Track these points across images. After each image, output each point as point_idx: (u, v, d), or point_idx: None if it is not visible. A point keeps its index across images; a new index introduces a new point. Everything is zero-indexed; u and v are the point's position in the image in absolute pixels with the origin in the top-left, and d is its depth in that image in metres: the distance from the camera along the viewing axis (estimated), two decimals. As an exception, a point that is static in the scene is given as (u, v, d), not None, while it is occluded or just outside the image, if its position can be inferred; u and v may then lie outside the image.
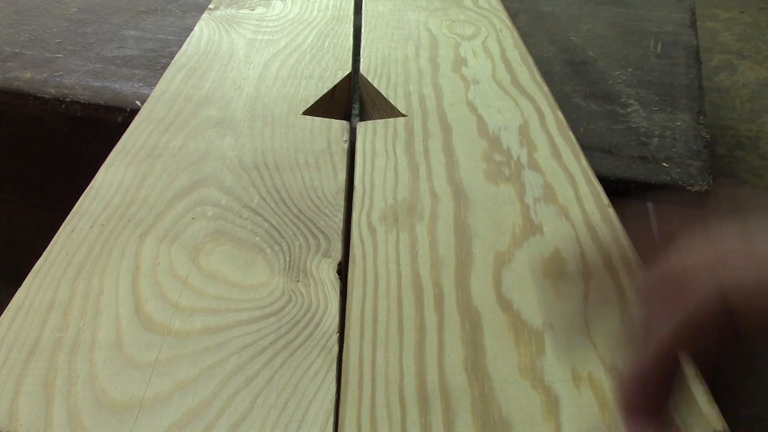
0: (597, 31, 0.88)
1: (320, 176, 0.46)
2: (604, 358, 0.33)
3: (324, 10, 0.73)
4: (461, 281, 0.37)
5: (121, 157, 0.46)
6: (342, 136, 0.50)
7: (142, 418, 0.28)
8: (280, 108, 0.54)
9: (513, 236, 0.40)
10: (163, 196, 0.43)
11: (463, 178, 0.46)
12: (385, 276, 0.38)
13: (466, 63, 0.62)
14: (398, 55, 0.63)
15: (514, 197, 0.44)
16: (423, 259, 0.39)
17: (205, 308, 0.35)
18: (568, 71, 0.78)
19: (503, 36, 0.67)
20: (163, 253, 0.38)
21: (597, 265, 0.38)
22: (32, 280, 0.36)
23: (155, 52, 0.77)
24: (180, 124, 0.51)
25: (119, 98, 0.68)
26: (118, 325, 0.33)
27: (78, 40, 0.79)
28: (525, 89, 0.57)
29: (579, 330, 0.34)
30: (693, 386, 0.31)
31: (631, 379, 0.25)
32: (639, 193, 0.62)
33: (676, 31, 0.88)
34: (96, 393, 0.30)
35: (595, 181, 0.46)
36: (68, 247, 0.38)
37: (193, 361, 0.31)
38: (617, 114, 0.70)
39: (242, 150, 0.48)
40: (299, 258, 0.39)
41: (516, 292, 0.36)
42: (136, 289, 0.35)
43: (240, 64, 0.60)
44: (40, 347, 0.32)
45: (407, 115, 0.53)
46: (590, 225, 0.41)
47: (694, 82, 0.76)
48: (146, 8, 0.87)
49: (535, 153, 0.48)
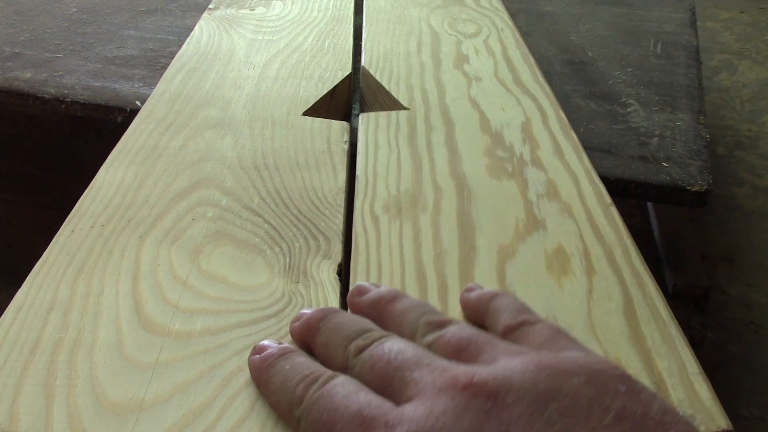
0: (597, 31, 0.88)
1: (320, 177, 0.46)
2: (609, 353, 0.33)
3: (324, 10, 0.73)
4: (465, 273, 0.37)
5: (121, 157, 0.46)
6: (342, 137, 0.50)
7: (142, 420, 0.28)
8: (280, 108, 0.54)
9: (516, 231, 0.40)
10: (163, 196, 0.43)
11: (466, 172, 0.46)
12: (388, 265, 0.37)
13: (468, 60, 0.62)
14: (400, 50, 0.63)
15: (517, 193, 0.44)
16: (427, 250, 0.39)
17: (205, 309, 0.34)
18: (568, 71, 0.78)
19: (505, 35, 0.67)
20: (163, 253, 0.38)
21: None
22: (32, 280, 0.36)
23: (155, 52, 0.77)
24: (180, 124, 0.51)
25: (119, 98, 0.68)
26: (119, 326, 0.33)
27: (78, 40, 0.79)
28: (527, 88, 0.57)
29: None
30: (696, 383, 0.31)
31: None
32: (639, 193, 0.62)
33: (676, 31, 0.88)
34: (96, 394, 0.29)
35: (597, 180, 0.45)
36: (68, 247, 0.38)
37: (194, 362, 0.31)
38: (617, 114, 0.70)
39: (242, 150, 0.48)
40: (299, 259, 0.38)
41: (520, 285, 0.36)
42: (136, 290, 0.35)
43: (240, 65, 0.60)
44: (40, 348, 0.32)
45: (409, 108, 0.53)
46: (593, 223, 0.41)
47: (694, 82, 0.76)
48: (146, 8, 0.87)
49: (537, 150, 0.48)
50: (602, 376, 0.24)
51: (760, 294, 1.03)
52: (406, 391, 0.24)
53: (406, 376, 0.25)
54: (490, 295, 0.32)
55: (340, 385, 0.26)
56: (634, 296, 0.36)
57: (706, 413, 0.30)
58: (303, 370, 0.27)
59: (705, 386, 0.31)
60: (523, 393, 0.23)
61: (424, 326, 0.29)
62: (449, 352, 0.26)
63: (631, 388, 0.24)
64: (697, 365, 0.32)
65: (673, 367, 0.32)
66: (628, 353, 0.32)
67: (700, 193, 0.60)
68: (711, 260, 1.08)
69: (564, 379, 0.23)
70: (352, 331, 0.29)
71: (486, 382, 0.23)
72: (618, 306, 0.35)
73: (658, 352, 0.33)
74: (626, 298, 0.36)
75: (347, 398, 0.25)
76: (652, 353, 0.32)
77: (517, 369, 0.24)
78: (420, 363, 0.25)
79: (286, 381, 0.27)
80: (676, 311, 0.36)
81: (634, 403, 0.23)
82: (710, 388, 0.31)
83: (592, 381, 0.24)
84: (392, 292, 0.32)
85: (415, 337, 0.29)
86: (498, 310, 0.31)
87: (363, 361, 0.27)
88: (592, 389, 0.23)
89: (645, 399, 0.24)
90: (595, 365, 0.25)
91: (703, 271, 1.04)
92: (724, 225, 1.16)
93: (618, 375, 0.24)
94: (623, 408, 0.23)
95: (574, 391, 0.23)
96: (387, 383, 0.25)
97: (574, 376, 0.24)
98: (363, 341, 0.28)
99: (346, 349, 0.28)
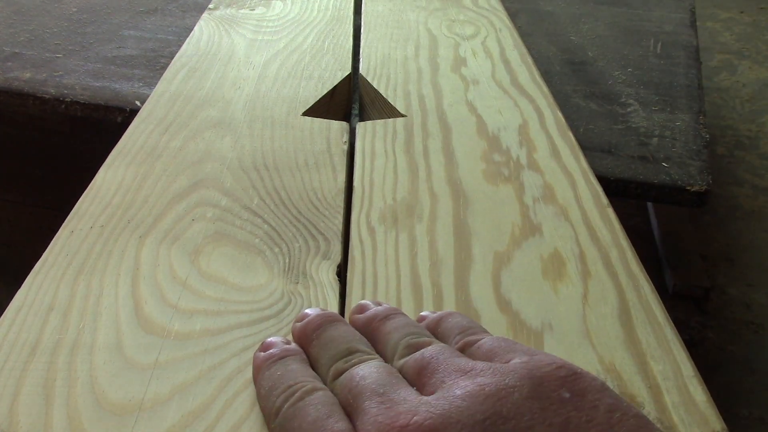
0: (597, 31, 0.88)
1: (320, 177, 0.46)
2: (603, 358, 0.33)
3: (324, 10, 0.73)
4: (460, 281, 0.37)
5: (120, 157, 0.46)
6: (341, 137, 0.50)
7: (141, 420, 0.29)
8: (279, 109, 0.54)
9: (512, 236, 0.41)
10: (162, 197, 0.43)
11: (463, 178, 0.46)
12: (384, 276, 0.38)
13: (465, 63, 0.62)
14: (398, 55, 0.63)
15: (513, 197, 0.44)
16: (422, 260, 0.39)
17: (204, 310, 0.35)
18: (567, 71, 0.78)
19: (503, 36, 0.67)
20: (162, 254, 0.38)
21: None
22: (32, 281, 0.36)
23: (155, 52, 0.77)
24: (180, 124, 0.51)
25: (119, 98, 0.69)
26: (118, 327, 0.33)
27: (78, 40, 0.79)
28: (524, 89, 0.57)
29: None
30: (691, 386, 0.31)
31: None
32: (638, 193, 0.62)
33: (676, 31, 0.88)
34: (96, 395, 0.30)
35: (594, 181, 0.46)
36: (68, 248, 0.38)
37: (193, 363, 0.31)
38: (617, 114, 0.70)
39: (242, 151, 0.48)
40: (299, 260, 0.39)
41: (515, 292, 0.36)
42: (135, 291, 0.35)
43: (240, 65, 0.60)
44: (39, 349, 0.32)
45: (406, 115, 0.53)
46: (590, 225, 0.41)
47: (694, 82, 0.76)
48: (146, 8, 0.87)
49: (534, 153, 0.48)
50: (545, 383, 0.24)
51: (760, 294, 1.03)
52: (359, 419, 0.25)
53: (360, 404, 0.25)
54: (437, 320, 0.32)
55: (312, 406, 0.26)
56: (629, 299, 0.36)
57: (701, 416, 0.30)
58: (288, 380, 0.28)
59: (700, 389, 0.31)
60: (460, 428, 0.23)
61: (402, 348, 0.29)
62: (414, 375, 0.27)
63: (576, 391, 0.24)
64: (693, 368, 0.32)
65: (668, 370, 0.32)
66: (623, 357, 0.32)
67: (699, 193, 0.60)
68: (711, 260, 1.08)
69: (505, 397, 0.24)
70: (337, 352, 0.29)
71: (423, 421, 0.23)
72: (613, 310, 0.35)
73: (653, 356, 0.33)
74: (621, 301, 0.36)
75: (315, 424, 0.25)
76: (647, 357, 0.33)
77: (456, 398, 0.24)
78: (375, 391, 0.26)
79: (272, 388, 0.28)
80: (676, 311, 0.36)
81: (579, 409, 0.23)
82: (705, 391, 0.31)
83: (534, 392, 0.24)
84: (388, 310, 0.32)
85: (394, 357, 0.29)
86: (445, 333, 0.31)
87: (338, 384, 0.27)
88: (535, 403, 0.23)
89: (591, 400, 0.24)
90: (537, 371, 0.25)
91: (703, 271, 1.04)
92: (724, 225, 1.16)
93: (561, 378, 0.24)
94: (567, 421, 0.23)
95: (516, 411, 0.23)
96: (351, 408, 0.26)
97: (515, 390, 0.24)
98: (343, 364, 0.28)
99: (329, 369, 0.29)
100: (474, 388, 0.24)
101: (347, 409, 0.26)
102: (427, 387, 0.26)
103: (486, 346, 0.28)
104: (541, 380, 0.24)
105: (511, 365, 0.25)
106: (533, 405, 0.23)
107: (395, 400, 0.25)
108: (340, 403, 0.26)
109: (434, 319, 0.32)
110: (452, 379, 0.25)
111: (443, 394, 0.25)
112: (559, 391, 0.24)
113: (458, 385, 0.25)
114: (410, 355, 0.28)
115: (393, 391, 0.26)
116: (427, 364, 0.27)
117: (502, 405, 0.23)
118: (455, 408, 0.24)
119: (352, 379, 0.27)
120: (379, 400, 0.25)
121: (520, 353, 0.27)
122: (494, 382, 0.24)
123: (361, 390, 0.26)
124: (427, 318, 0.33)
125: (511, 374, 0.25)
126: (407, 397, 0.25)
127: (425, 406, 0.24)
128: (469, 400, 0.24)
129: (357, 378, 0.27)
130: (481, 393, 0.24)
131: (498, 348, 0.28)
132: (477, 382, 0.24)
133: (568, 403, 0.24)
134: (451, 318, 0.32)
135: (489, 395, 0.24)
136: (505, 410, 0.23)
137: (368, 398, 0.25)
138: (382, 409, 0.25)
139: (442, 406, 0.24)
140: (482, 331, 0.31)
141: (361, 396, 0.26)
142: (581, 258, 0.39)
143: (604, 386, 0.25)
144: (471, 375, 0.25)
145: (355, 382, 0.26)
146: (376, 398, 0.25)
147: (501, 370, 0.25)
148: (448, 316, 0.32)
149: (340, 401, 0.26)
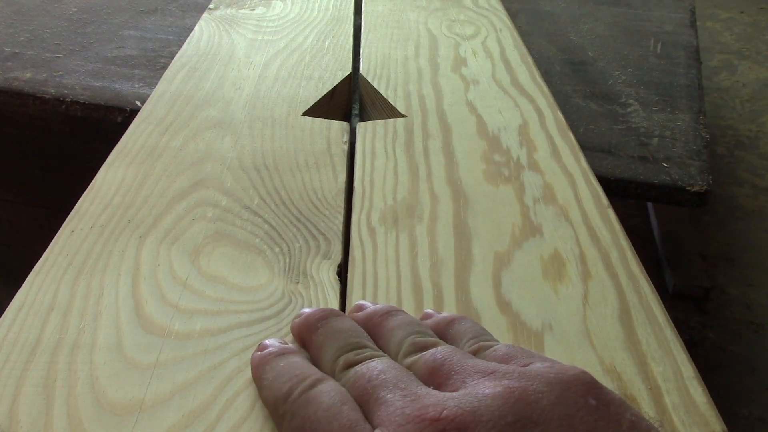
0: (597, 31, 0.88)
1: (320, 177, 0.46)
2: (603, 359, 0.33)
3: (324, 10, 0.73)
4: (461, 282, 0.37)
5: (121, 157, 0.46)
6: (342, 137, 0.50)
7: (142, 420, 0.29)
8: (280, 109, 0.54)
9: (513, 237, 0.41)
10: (163, 197, 0.43)
11: (463, 178, 0.46)
12: (384, 277, 0.38)
13: (465, 63, 0.62)
14: (398, 55, 0.63)
15: (513, 198, 0.44)
16: (423, 260, 0.39)
17: (205, 310, 0.35)
18: (567, 71, 0.78)
19: (503, 36, 0.67)
20: (163, 254, 0.38)
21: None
22: (32, 280, 0.36)
23: (155, 52, 0.77)
24: (180, 124, 0.51)
25: (119, 98, 0.69)
26: (118, 327, 0.33)
27: (78, 40, 0.79)
28: (525, 89, 0.57)
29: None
30: (691, 387, 0.31)
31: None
32: (639, 193, 0.62)
33: (676, 31, 0.88)
34: (96, 395, 0.30)
35: (594, 181, 0.46)
36: (68, 248, 0.38)
37: (194, 363, 0.31)
38: (617, 114, 0.70)
39: (242, 151, 0.48)
40: (299, 260, 0.39)
41: (515, 292, 0.36)
42: (136, 291, 0.35)
43: (240, 65, 0.60)
44: (40, 349, 0.32)
45: (407, 115, 0.53)
46: (590, 226, 0.41)
47: (694, 82, 0.76)
48: (146, 8, 0.87)
49: (534, 153, 0.48)
50: (572, 390, 0.24)
51: (760, 294, 1.03)
52: (378, 411, 0.25)
53: (381, 395, 0.25)
54: (446, 322, 0.32)
55: (326, 393, 0.26)
56: (629, 300, 0.36)
57: (701, 417, 0.30)
58: (294, 370, 0.28)
59: (700, 390, 0.31)
60: (491, 426, 0.23)
61: (408, 346, 0.29)
62: (425, 374, 0.27)
63: (601, 401, 0.24)
64: (693, 369, 0.32)
65: (668, 371, 0.32)
66: (623, 359, 0.32)
67: (699, 193, 0.60)
68: (711, 260, 1.08)
69: (534, 401, 0.23)
70: (347, 343, 0.29)
71: (454, 416, 0.23)
72: (613, 311, 0.35)
73: (653, 357, 0.33)
74: (622, 302, 0.36)
75: (329, 411, 0.25)
76: (647, 358, 0.33)
77: (486, 397, 0.24)
78: (397, 386, 0.25)
79: (277, 377, 0.28)
80: (676, 311, 0.36)
81: (605, 419, 0.23)
82: (705, 392, 0.31)
83: (562, 398, 0.24)
84: (388, 307, 0.32)
85: (399, 355, 0.29)
86: (455, 337, 0.31)
87: (347, 376, 0.27)
88: (562, 409, 0.23)
89: (615, 413, 0.24)
90: (563, 375, 0.25)
91: (703, 271, 1.04)
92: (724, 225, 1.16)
93: (588, 385, 0.24)
94: (594, 429, 0.23)
95: (544, 417, 0.23)
96: (364, 400, 0.26)
97: (543, 396, 0.24)
98: (354, 356, 0.28)
99: (336, 360, 0.28)
100: (502, 390, 0.24)
101: (360, 400, 0.26)
102: (445, 387, 0.26)
103: (501, 350, 0.28)
104: (568, 386, 0.24)
105: (535, 369, 0.25)
106: (560, 411, 0.23)
107: (419, 394, 0.25)
108: (351, 395, 0.26)
109: (443, 321, 0.32)
110: (475, 380, 0.25)
111: (470, 391, 0.24)
112: (586, 398, 0.24)
113: (484, 385, 0.24)
114: (418, 354, 0.28)
115: (413, 386, 0.25)
116: (441, 365, 0.27)
117: (532, 410, 0.23)
118: (485, 407, 0.23)
119: (370, 372, 0.26)
120: (402, 393, 0.25)
121: (539, 359, 0.27)
122: (521, 386, 0.24)
123: (383, 382, 0.26)
124: (433, 317, 0.33)
125: (537, 378, 0.24)
126: (430, 392, 0.25)
127: (453, 401, 0.24)
128: (499, 401, 0.23)
129: (375, 371, 0.26)
130: (511, 395, 0.24)
131: (514, 353, 0.27)
132: (504, 384, 0.24)
133: (594, 411, 0.23)
134: (464, 322, 0.32)
135: (519, 398, 0.23)
136: (535, 415, 0.23)
137: (390, 391, 0.25)
138: (407, 402, 0.24)
139: (471, 402, 0.23)
140: (494, 339, 0.30)
141: (382, 388, 0.25)
142: (581, 259, 0.39)
143: (623, 400, 0.25)
144: (495, 377, 0.25)
145: (374, 375, 0.26)
146: (398, 392, 0.25)
147: (526, 373, 0.25)
148: (460, 320, 0.32)
149: (352, 393, 0.26)
